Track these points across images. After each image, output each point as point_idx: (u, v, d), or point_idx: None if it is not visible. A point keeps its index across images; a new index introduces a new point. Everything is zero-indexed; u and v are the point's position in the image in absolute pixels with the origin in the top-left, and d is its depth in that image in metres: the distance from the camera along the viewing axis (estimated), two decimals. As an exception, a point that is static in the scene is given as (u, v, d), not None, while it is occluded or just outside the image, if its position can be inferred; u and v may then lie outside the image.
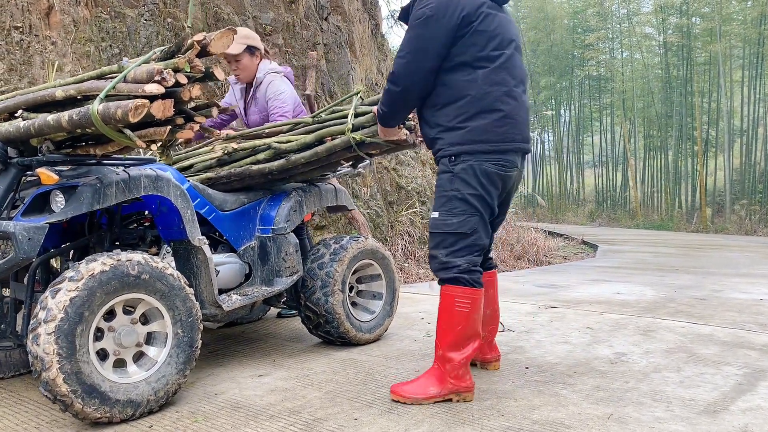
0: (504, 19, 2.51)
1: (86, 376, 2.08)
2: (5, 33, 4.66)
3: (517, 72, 2.51)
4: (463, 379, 2.46)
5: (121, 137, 1.97)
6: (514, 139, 2.46)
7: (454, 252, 2.44)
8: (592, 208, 24.07)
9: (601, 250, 10.81)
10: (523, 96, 2.54)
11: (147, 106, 1.87)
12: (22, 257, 2.11)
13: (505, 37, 2.47)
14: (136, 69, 1.96)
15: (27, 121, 2.15)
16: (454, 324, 2.44)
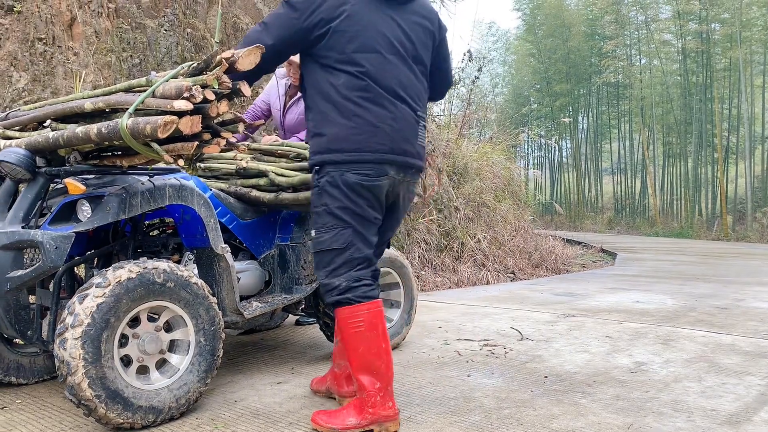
0: (385, 19, 2.29)
1: (110, 382, 2.12)
2: (29, 44, 4.75)
3: (389, 78, 2.29)
4: (382, 406, 2.23)
5: (149, 151, 2.01)
6: (377, 150, 2.25)
7: (332, 272, 2.27)
8: (610, 216, 23.91)
9: (620, 258, 10.73)
10: (399, 104, 2.31)
11: (176, 122, 1.90)
12: (49, 265, 2.15)
13: (378, 39, 2.27)
14: (164, 84, 1.99)
15: (56, 132, 2.20)
16: (354, 347, 2.25)
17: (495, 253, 7.79)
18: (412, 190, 2.48)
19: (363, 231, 2.30)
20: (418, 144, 2.41)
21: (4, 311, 2.27)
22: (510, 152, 12.08)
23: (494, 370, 3.09)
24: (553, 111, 25.71)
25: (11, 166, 2.23)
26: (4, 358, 2.71)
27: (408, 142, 2.35)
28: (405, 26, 2.35)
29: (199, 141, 2.01)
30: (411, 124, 2.36)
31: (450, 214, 7.69)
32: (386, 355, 2.27)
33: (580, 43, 24.23)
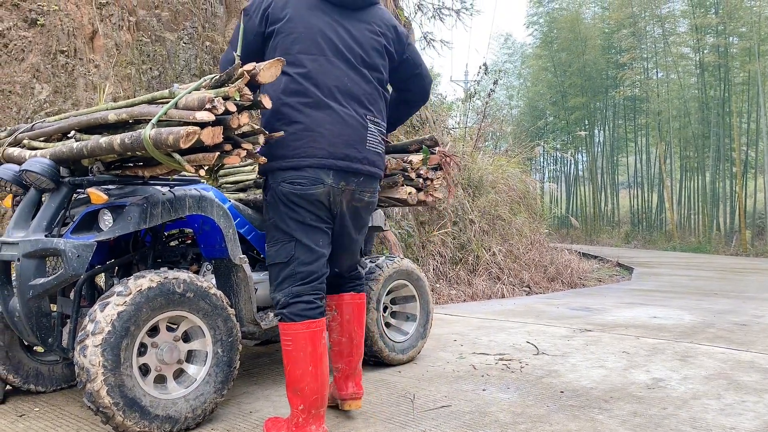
0: (331, 25, 2.31)
1: (128, 390, 2.13)
2: (52, 57, 4.83)
3: (332, 80, 2.27)
4: (303, 428, 2.19)
5: (171, 161, 2.04)
6: (315, 155, 2.21)
7: (277, 286, 2.27)
8: (627, 230, 23.73)
9: (637, 272, 10.65)
10: (341, 108, 2.27)
11: (198, 133, 1.93)
12: (71, 273, 2.18)
13: (322, 42, 2.27)
14: (187, 96, 2.03)
15: (80, 143, 2.24)
16: (285, 363, 2.23)
17: (510, 266, 7.77)
18: (363, 199, 2.39)
19: (308, 242, 2.25)
20: (368, 149, 2.35)
21: (27, 318, 2.30)
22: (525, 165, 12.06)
23: (510, 384, 3.07)
24: (569, 124, 25.63)
25: (36, 175, 2.27)
26: (24, 365, 2.74)
27: (351, 147, 2.29)
28: (355, 33, 2.36)
29: (220, 152, 2.04)
30: (356, 129, 2.31)
31: (465, 227, 7.68)
32: (313, 379, 2.19)
33: (596, 56, 24.18)
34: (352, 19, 2.37)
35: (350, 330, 2.56)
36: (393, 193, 2.95)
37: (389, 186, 2.96)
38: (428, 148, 3.06)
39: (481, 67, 11.24)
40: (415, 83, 2.66)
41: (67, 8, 4.96)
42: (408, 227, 6.95)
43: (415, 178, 3.01)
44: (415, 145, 3.10)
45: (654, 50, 22.66)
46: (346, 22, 2.36)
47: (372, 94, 2.40)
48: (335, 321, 2.57)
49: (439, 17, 11.36)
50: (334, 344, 2.57)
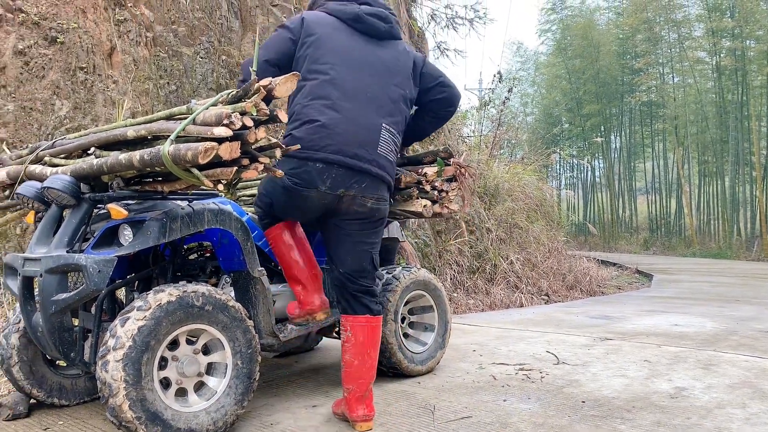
0: (358, 44, 2.61)
1: (150, 404, 2.15)
2: (71, 73, 4.90)
3: (355, 86, 2.53)
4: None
5: (190, 177, 2.06)
6: (325, 149, 2.43)
7: None
8: (645, 236, 23.49)
9: (657, 279, 10.54)
10: (359, 111, 2.51)
11: (216, 148, 1.96)
12: (92, 288, 2.21)
13: (349, 57, 2.56)
14: (205, 112, 2.05)
15: (99, 159, 2.27)
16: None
17: (528, 274, 7.72)
18: (366, 204, 2.55)
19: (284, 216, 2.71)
20: (379, 153, 2.54)
21: (49, 333, 2.32)
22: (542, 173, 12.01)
23: (530, 394, 3.05)
24: (585, 131, 25.48)
25: (57, 192, 2.30)
26: (47, 379, 2.77)
27: (362, 148, 2.49)
28: (380, 53, 2.64)
29: (238, 166, 2.06)
30: (369, 132, 2.52)
31: (482, 236, 7.66)
32: None
33: (610, 62, 24.04)
34: (377, 46, 2.66)
35: (363, 353, 2.59)
36: (408, 206, 2.95)
37: (404, 199, 2.95)
38: (443, 160, 3.05)
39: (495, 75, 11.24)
40: (438, 90, 2.80)
41: (86, 25, 5.04)
42: (424, 237, 6.94)
43: (429, 191, 3.01)
44: (429, 157, 3.09)
45: (669, 55, 22.49)
46: (372, 46, 2.64)
47: (391, 106, 2.61)
48: (349, 342, 2.59)
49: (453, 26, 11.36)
50: (346, 365, 2.58)
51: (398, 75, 2.66)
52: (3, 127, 4.44)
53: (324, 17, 2.63)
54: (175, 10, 5.71)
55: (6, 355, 2.67)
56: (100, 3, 5.18)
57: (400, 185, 2.93)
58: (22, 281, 2.43)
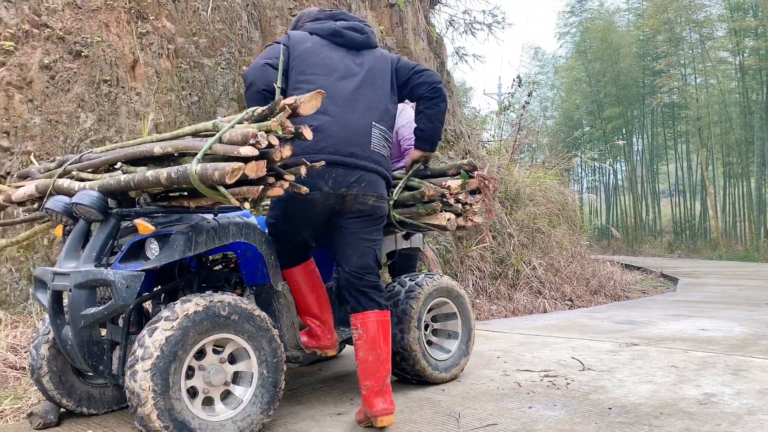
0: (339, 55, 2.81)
1: (178, 413, 2.17)
2: (95, 86, 4.98)
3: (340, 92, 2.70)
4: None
5: (217, 195, 2.10)
6: (323, 151, 2.58)
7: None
8: (670, 239, 23.18)
9: (682, 283, 10.40)
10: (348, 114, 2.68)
11: (242, 168, 1.99)
12: (120, 304, 2.24)
13: (332, 66, 2.76)
14: (231, 131, 2.08)
15: (127, 175, 2.30)
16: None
17: (551, 280, 7.66)
18: (367, 203, 2.72)
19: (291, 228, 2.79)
20: (372, 150, 2.73)
21: (79, 347, 2.36)
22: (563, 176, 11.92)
23: (556, 401, 3.03)
24: (606, 134, 25.25)
25: (85, 208, 2.34)
26: (76, 389, 2.81)
27: (356, 146, 2.68)
28: (360, 62, 2.84)
29: (264, 185, 2.09)
30: (361, 132, 2.71)
31: (504, 241, 7.62)
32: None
33: (630, 64, 23.82)
34: (356, 56, 2.86)
35: (376, 347, 2.69)
36: (432, 220, 2.94)
37: (428, 213, 2.94)
38: (466, 173, 3.04)
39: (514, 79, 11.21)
40: (414, 78, 2.96)
41: (110, 39, 5.12)
42: (446, 243, 6.92)
43: (453, 204, 3.00)
44: (452, 170, 3.09)
45: (691, 56, 22.23)
46: (352, 56, 2.85)
47: (377, 106, 2.81)
48: (361, 339, 2.67)
49: (471, 32, 11.38)
50: (360, 362, 2.66)
51: (379, 77, 2.85)
52: (30, 140, 4.53)
53: (306, 35, 2.84)
54: (196, 22, 5.78)
55: (36, 365, 2.72)
56: (122, 16, 5.26)
57: (424, 198, 2.92)
58: (52, 295, 2.46)
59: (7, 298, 4.11)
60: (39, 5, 4.89)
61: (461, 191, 3.02)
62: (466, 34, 11.32)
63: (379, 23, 7.65)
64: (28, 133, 4.54)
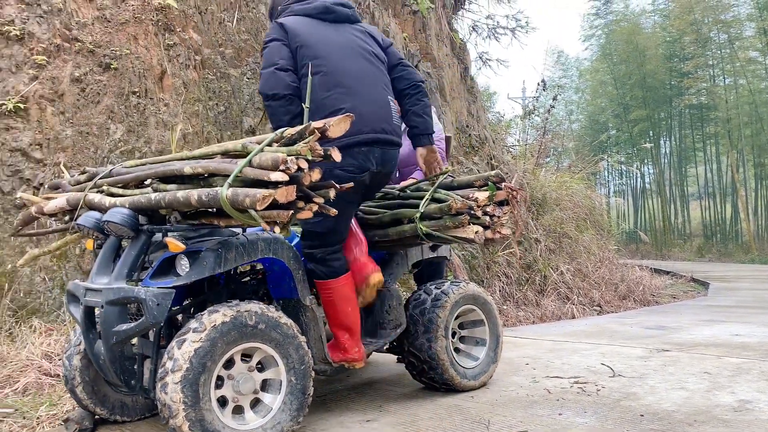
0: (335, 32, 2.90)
1: (209, 423, 2.19)
2: (124, 98, 5.07)
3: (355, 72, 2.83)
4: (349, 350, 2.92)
5: (247, 218, 2.13)
6: (362, 131, 2.72)
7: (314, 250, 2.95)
8: (700, 243, 22.78)
9: (714, 287, 10.21)
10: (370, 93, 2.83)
11: (273, 195, 2.02)
12: (152, 321, 2.28)
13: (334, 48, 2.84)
14: (261, 155, 2.11)
15: (158, 194, 2.34)
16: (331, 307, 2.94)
17: (579, 285, 7.58)
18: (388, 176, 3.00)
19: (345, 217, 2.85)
20: (394, 124, 2.92)
21: (111, 362, 2.40)
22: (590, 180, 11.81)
23: (587, 408, 2.99)
24: (633, 137, 24.95)
25: (117, 226, 2.38)
26: (109, 398, 2.85)
27: (385, 122, 2.86)
28: (355, 35, 2.96)
29: (293, 209, 2.11)
30: (385, 107, 2.88)
31: (530, 246, 7.56)
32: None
33: (657, 66, 23.52)
34: (348, 29, 2.97)
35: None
36: (459, 233, 2.91)
37: (455, 225, 2.90)
38: (494, 184, 3.01)
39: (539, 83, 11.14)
40: (402, 70, 3.10)
41: (138, 51, 5.21)
42: (471, 249, 6.89)
43: (481, 216, 2.96)
44: (480, 181, 3.07)
45: (720, 56, 21.89)
46: (343, 31, 2.95)
47: (385, 80, 2.97)
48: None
49: (494, 37, 11.35)
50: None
51: (374, 51, 2.98)
52: (62, 151, 4.62)
53: (298, 19, 2.88)
54: (222, 33, 5.86)
55: (70, 376, 2.77)
56: (150, 29, 5.35)
57: (451, 211, 2.90)
58: (84, 311, 2.50)
59: (41, 307, 4.19)
60: (70, 20, 5.00)
61: (489, 203, 2.99)
62: (490, 39, 11.30)
63: (402, 30, 7.67)
64: (60, 144, 4.63)
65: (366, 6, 7.14)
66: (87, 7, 5.17)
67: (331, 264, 2.85)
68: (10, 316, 4.05)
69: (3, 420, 3.00)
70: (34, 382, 3.46)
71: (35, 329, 3.97)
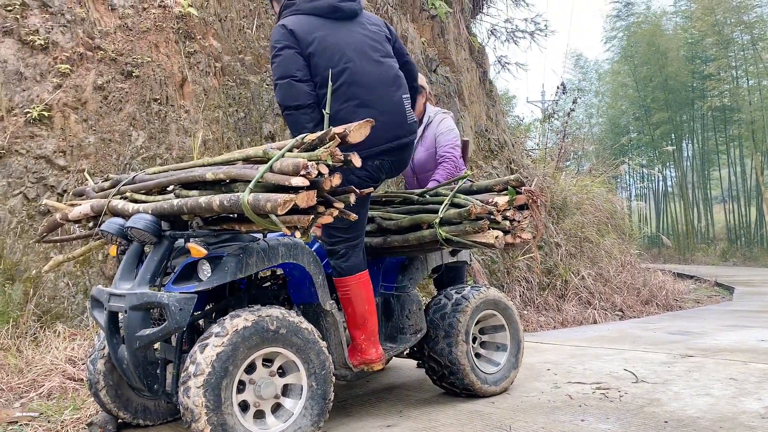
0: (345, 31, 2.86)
1: (230, 428, 2.20)
2: (146, 105, 5.13)
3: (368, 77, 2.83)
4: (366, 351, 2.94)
5: (268, 223, 2.14)
6: (376, 144, 2.75)
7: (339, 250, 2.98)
8: (724, 247, 22.43)
9: (738, 292, 10.06)
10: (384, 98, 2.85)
11: (294, 199, 2.03)
12: (174, 326, 2.30)
13: (347, 50, 2.82)
14: (282, 160, 2.13)
15: (180, 200, 2.37)
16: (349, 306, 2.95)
17: (601, 290, 7.51)
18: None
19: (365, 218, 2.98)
20: (408, 123, 2.96)
21: (134, 366, 2.42)
22: (611, 184, 11.70)
23: (609, 414, 2.96)
24: (655, 139, 24.69)
25: (140, 231, 2.41)
26: (132, 402, 2.88)
27: (399, 127, 2.90)
28: (363, 32, 2.92)
29: (314, 214, 2.12)
30: (398, 109, 2.91)
31: (551, 251, 7.51)
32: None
33: (678, 68, 23.25)
34: (357, 27, 2.93)
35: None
36: (479, 238, 2.89)
37: (475, 231, 2.88)
38: (514, 188, 2.99)
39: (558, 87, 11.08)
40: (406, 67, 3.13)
41: (159, 59, 5.27)
42: (491, 254, 6.86)
43: (501, 221, 2.94)
44: (499, 186, 3.05)
45: (743, 57, 21.59)
46: (354, 30, 2.91)
47: (398, 77, 2.97)
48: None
49: (513, 40, 11.31)
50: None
51: (381, 43, 2.97)
52: (85, 158, 4.68)
53: (306, 20, 2.83)
54: (241, 40, 5.91)
55: (93, 380, 2.80)
56: (171, 37, 5.41)
57: (471, 216, 2.88)
58: (108, 315, 2.53)
59: (65, 312, 4.25)
60: (92, 29, 5.07)
61: (509, 208, 2.96)
62: (508, 42, 11.26)
63: (421, 35, 7.67)
64: (83, 152, 4.69)
65: (384, 11, 7.16)
66: (109, 16, 5.25)
67: (352, 259, 2.87)
68: (35, 321, 4.11)
69: (28, 424, 3.04)
70: (58, 386, 3.50)
71: (59, 334, 4.02)
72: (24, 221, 4.39)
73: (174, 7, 5.45)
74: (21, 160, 4.51)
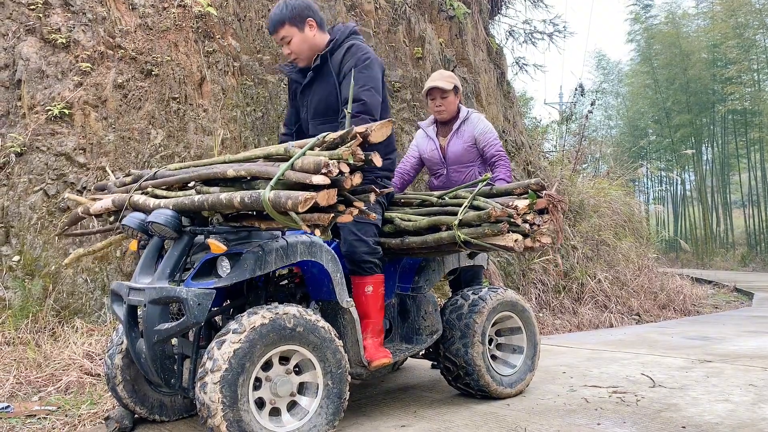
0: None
1: (246, 424, 2.21)
2: (165, 103, 5.17)
3: None
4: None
5: (288, 220, 2.15)
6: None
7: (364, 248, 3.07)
8: (743, 252, 22.14)
9: (758, 297, 9.93)
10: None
11: (315, 197, 2.04)
12: (193, 321, 2.31)
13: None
14: (303, 158, 2.13)
15: (201, 196, 2.38)
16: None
17: (617, 293, 7.45)
18: None
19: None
20: None
21: (152, 360, 2.44)
22: (629, 187, 11.61)
23: (626, 418, 2.93)
24: (674, 143, 24.45)
25: (161, 227, 2.42)
26: (149, 397, 2.90)
27: None
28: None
29: (334, 212, 2.12)
30: None
31: (567, 254, 7.46)
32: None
33: (700, 71, 23.00)
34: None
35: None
36: (498, 241, 2.87)
37: (494, 233, 2.85)
38: (534, 192, 2.97)
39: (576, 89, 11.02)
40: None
41: (178, 58, 5.31)
42: (507, 255, 6.83)
43: (521, 224, 2.91)
44: (520, 189, 3.03)
45: (765, 60, 21.32)
46: None
47: None
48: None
49: (531, 42, 11.26)
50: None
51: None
52: (104, 156, 4.73)
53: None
54: (259, 40, 5.94)
55: (111, 374, 2.82)
56: (190, 36, 5.45)
57: (491, 219, 2.86)
58: (127, 309, 2.55)
59: (83, 307, 4.29)
60: (113, 28, 5.12)
61: (529, 211, 2.93)
62: (527, 43, 11.22)
63: (438, 35, 7.67)
64: (103, 149, 4.74)
65: (402, 12, 7.16)
66: (130, 15, 5.30)
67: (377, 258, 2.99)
68: (54, 317, 4.16)
69: (46, 417, 3.07)
70: (76, 380, 3.54)
71: (77, 329, 4.06)
72: (44, 217, 4.44)
73: (193, 7, 5.49)
74: (42, 157, 4.56)
